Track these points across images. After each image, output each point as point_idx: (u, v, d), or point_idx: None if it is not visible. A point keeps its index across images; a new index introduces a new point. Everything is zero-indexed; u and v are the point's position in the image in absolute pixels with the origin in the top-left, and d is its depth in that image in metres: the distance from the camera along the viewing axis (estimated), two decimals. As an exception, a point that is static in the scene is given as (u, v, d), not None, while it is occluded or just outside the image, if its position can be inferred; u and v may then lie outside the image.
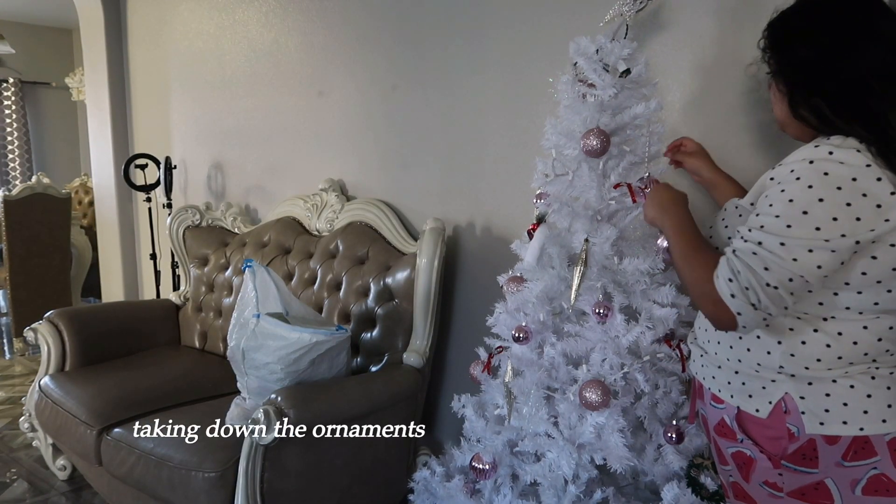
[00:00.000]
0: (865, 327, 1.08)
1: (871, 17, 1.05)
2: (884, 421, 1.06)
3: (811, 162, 1.01)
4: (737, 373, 1.18)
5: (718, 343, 1.23)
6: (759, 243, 1.03)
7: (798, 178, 1.02)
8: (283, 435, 1.79)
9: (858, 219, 0.98)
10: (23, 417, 2.83)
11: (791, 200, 1.01)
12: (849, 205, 0.98)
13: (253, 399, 2.04)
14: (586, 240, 1.59)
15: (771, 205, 1.04)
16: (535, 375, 1.66)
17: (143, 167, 3.61)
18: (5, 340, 4.95)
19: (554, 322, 1.71)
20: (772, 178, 1.07)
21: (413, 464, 2.34)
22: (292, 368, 1.93)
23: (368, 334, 2.41)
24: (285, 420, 1.80)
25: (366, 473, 2.14)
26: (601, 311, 1.57)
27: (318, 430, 1.93)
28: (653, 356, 1.60)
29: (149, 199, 3.60)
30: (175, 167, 3.60)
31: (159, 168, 3.56)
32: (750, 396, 1.16)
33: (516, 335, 1.67)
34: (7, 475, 2.82)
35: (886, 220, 0.99)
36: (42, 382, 2.56)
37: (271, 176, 3.23)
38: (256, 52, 3.18)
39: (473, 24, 2.31)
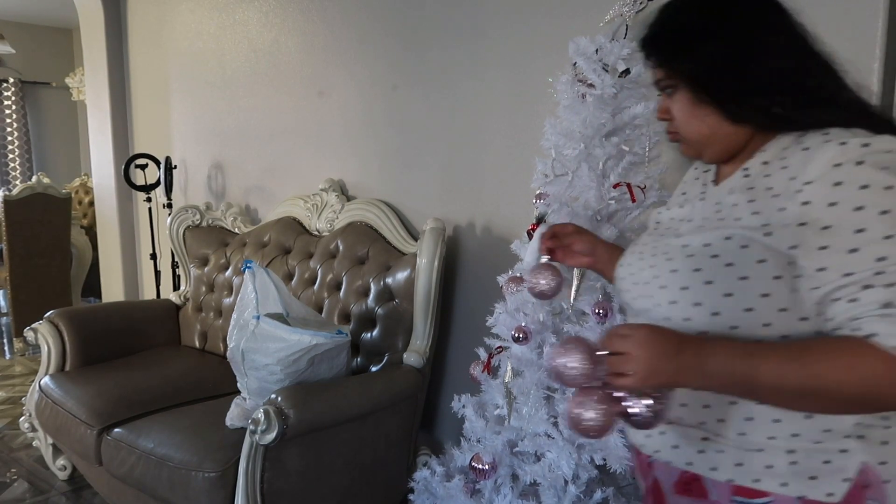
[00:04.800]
0: None
1: None
2: None
3: (861, 162, 0.81)
4: (790, 451, 0.88)
5: (748, 419, 0.90)
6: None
7: (865, 186, 0.80)
8: (284, 435, 1.79)
9: None
10: (23, 417, 2.83)
11: (886, 212, 0.79)
12: None
13: (253, 399, 2.04)
14: (586, 240, 1.59)
15: (864, 229, 0.79)
16: (535, 375, 1.66)
17: (143, 167, 3.61)
18: (5, 340, 4.95)
19: (553, 322, 1.71)
20: (807, 203, 0.83)
21: (413, 464, 2.34)
22: (292, 369, 1.93)
23: (368, 334, 2.41)
24: (285, 420, 1.80)
25: (366, 473, 2.14)
26: (601, 311, 1.57)
27: (318, 430, 1.93)
28: (653, 356, 1.60)
29: (149, 199, 3.61)
30: (175, 167, 3.61)
31: (159, 168, 3.56)
32: (813, 478, 0.87)
33: (516, 335, 1.68)
34: (7, 475, 2.82)
35: None
36: (42, 382, 2.56)
37: (271, 176, 3.23)
38: (256, 52, 3.18)
39: (474, 24, 2.32)
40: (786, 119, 0.90)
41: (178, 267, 3.43)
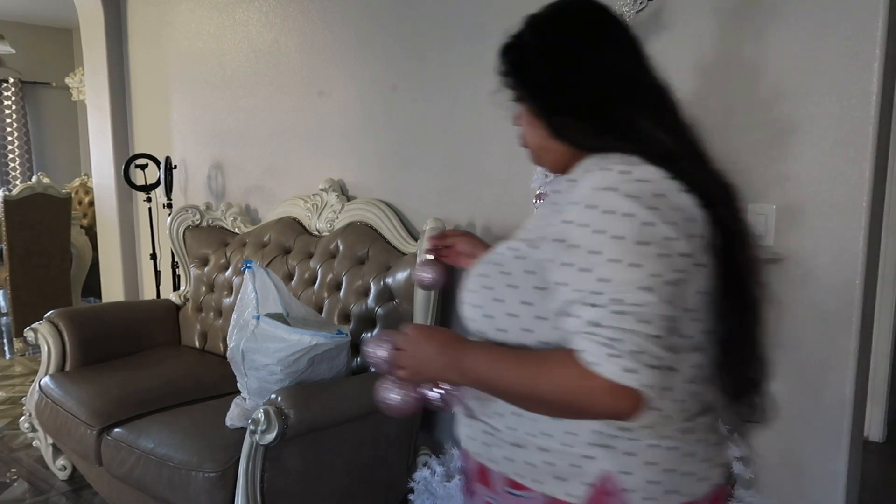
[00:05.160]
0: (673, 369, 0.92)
1: (598, 27, 1.00)
2: (703, 479, 0.95)
3: (613, 189, 0.86)
4: (543, 450, 0.94)
5: (516, 415, 0.96)
6: (619, 300, 0.82)
7: (610, 212, 0.85)
8: (284, 435, 1.79)
9: (692, 236, 0.88)
10: (23, 417, 2.83)
11: (619, 237, 0.83)
12: (674, 223, 0.86)
13: (253, 399, 2.04)
14: (586, 240, 1.58)
15: (599, 251, 0.84)
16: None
17: (143, 167, 3.61)
18: (5, 340, 4.95)
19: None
20: (567, 222, 0.88)
21: (413, 464, 2.34)
22: (292, 369, 1.93)
23: (369, 334, 2.41)
24: (285, 420, 1.80)
25: (366, 473, 2.14)
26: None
27: (318, 430, 1.93)
28: (652, 356, 1.60)
29: (149, 199, 3.61)
30: (175, 167, 3.60)
31: (159, 168, 3.56)
32: (560, 479, 0.93)
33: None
34: (7, 475, 2.82)
35: (701, 236, 0.89)
36: (42, 382, 2.56)
37: (271, 176, 3.23)
38: (256, 52, 3.18)
39: (473, 23, 2.32)
40: (587, 141, 0.96)
41: (178, 267, 3.43)
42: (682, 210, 0.88)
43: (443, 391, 1.02)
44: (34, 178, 4.66)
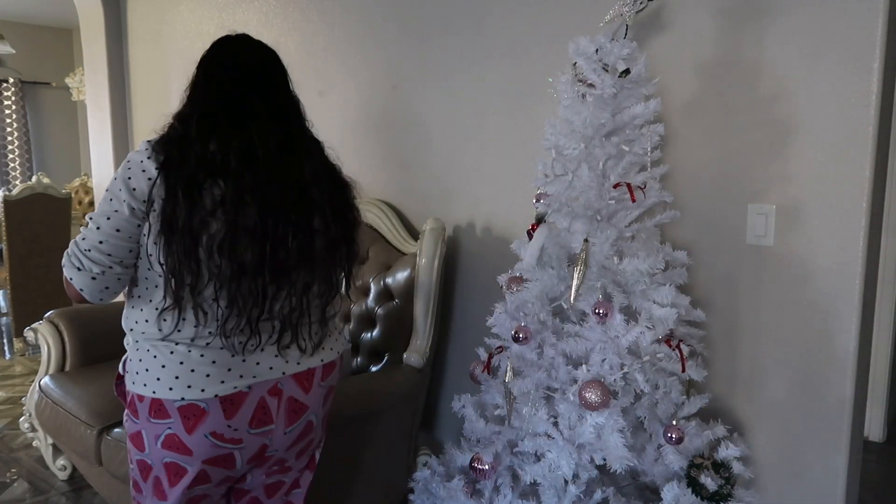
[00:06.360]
0: None
1: (208, 54, 1.60)
2: (170, 389, 1.29)
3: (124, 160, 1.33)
4: (125, 339, 1.41)
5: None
6: (86, 226, 1.31)
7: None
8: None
9: (135, 189, 1.27)
10: (23, 417, 2.83)
11: (107, 190, 1.31)
12: (129, 178, 1.28)
13: (253, 399, 2.03)
14: (586, 240, 1.59)
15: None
16: (535, 376, 1.66)
17: (143, 167, 3.61)
18: (5, 340, 4.95)
19: (553, 322, 1.71)
20: None
21: (413, 464, 2.34)
22: (292, 368, 1.93)
23: (368, 334, 2.41)
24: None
25: (366, 473, 2.14)
26: (601, 311, 1.57)
27: (318, 430, 1.93)
28: (652, 356, 1.60)
29: (149, 199, 3.60)
30: (175, 167, 3.60)
31: (159, 168, 3.55)
32: (125, 360, 1.42)
33: (516, 335, 1.68)
34: (7, 475, 2.82)
35: (153, 188, 1.26)
36: (42, 382, 2.56)
37: (271, 176, 3.22)
38: (256, 52, 3.18)
39: (473, 24, 2.32)
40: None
41: (178, 267, 3.43)
42: (146, 172, 1.29)
43: None
44: (34, 178, 4.66)
